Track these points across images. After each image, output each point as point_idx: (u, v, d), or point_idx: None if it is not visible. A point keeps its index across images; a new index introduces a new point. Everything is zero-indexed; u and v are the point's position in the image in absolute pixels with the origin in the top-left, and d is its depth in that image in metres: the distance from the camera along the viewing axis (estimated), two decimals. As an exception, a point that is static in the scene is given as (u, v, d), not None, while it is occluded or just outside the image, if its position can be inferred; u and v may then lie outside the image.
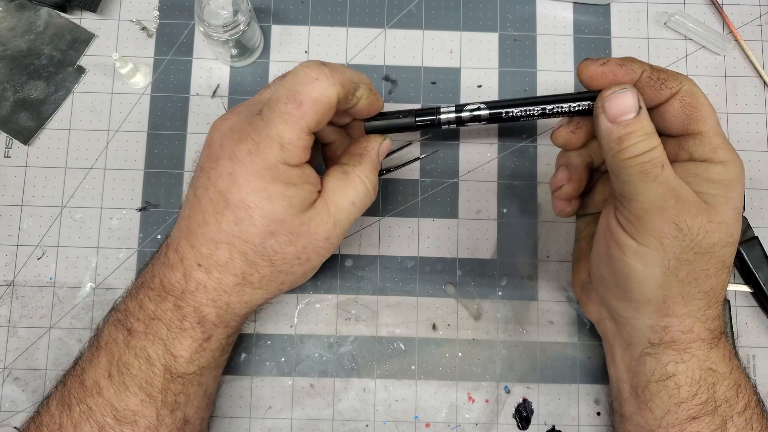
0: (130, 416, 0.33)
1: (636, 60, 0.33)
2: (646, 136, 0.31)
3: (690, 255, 0.32)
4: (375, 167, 0.36)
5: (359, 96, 0.34)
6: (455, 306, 0.44)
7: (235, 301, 0.34)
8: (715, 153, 0.32)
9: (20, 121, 0.45)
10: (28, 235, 0.44)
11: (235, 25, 0.41)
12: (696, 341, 0.33)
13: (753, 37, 0.47)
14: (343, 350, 0.44)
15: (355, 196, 0.35)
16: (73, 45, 0.46)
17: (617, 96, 0.31)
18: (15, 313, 0.44)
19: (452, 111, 0.37)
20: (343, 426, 0.43)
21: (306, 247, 0.34)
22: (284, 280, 0.35)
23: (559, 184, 0.38)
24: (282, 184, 0.32)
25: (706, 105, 0.33)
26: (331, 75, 0.31)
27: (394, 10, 0.47)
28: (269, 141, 0.31)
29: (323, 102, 0.31)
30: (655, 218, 0.31)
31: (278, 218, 0.32)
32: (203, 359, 0.35)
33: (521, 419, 0.43)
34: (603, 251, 0.35)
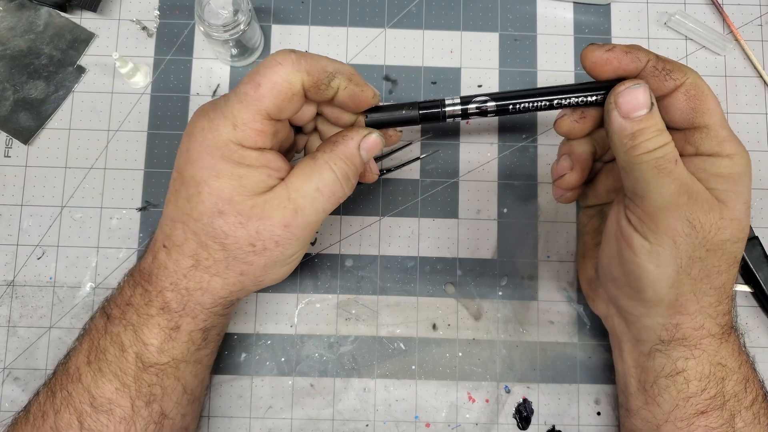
0: (106, 404, 0.33)
1: (641, 48, 0.33)
2: (658, 131, 0.31)
3: (702, 252, 0.32)
4: (350, 157, 0.34)
5: (335, 86, 0.33)
6: (455, 306, 0.44)
7: (194, 287, 0.33)
8: (722, 146, 0.32)
9: (20, 120, 0.45)
10: (28, 235, 0.44)
11: (236, 25, 0.41)
12: (707, 337, 0.33)
13: (753, 37, 0.47)
14: (343, 350, 0.44)
15: (321, 182, 0.33)
16: (73, 45, 0.46)
17: (631, 92, 0.31)
18: (15, 312, 0.44)
19: (457, 103, 0.36)
20: (343, 426, 0.43)
21: (260, 233, 0.32)
22: (243, 271, 0.33)
23: (561, 173, 0.38)
24: (232, 163, 0.31)
25: (712, 98, 0.32)
26: (296, 61, 0.31)
27: (394, 10, 0.47)
28: (223, 119, 0.31)
29: (282, 86, 0.31)
30: (669, 216, 0.31)
31: (226, 197, 0.32)
32: (175, 350, 0.34)
33: (521, 419, 0.43)
34: (614, 252, 0.34)
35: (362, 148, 0.35)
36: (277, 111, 0.32)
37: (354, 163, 0.34)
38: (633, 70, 0.32)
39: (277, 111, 0.32)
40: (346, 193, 0.35)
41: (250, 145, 0.32)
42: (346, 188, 0.35)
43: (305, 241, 0.34)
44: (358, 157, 0.35)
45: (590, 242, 0.40)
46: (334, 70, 0.32)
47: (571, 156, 0.37)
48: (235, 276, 0.34)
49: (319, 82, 0.32)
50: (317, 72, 0.32)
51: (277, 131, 0.33)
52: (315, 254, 0.45)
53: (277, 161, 0.33)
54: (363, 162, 0.35)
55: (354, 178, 0.35)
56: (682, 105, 0.32)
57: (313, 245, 0.45)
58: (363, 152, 0.35)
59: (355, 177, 0.35)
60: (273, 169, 0.33)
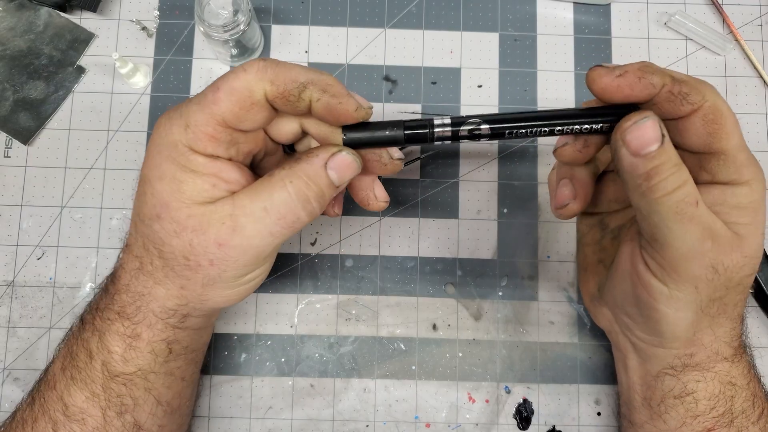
0: (78, 414, 0.32)
1: (656, 70, 0.29)
2: (675, 168, 0.28)
3: (722, 291, 0.30)
4: (312, 176, 0.30)
5: (306, 98, 0.30)
6: (455, 306, 0.44)
7: (142, 291, 0.32)
8: (740, 172, 0.30)
9: (20, 120, 0.45)
10: (28, 235, 0.44)
11: (235, 25, 0.41)
12: (720, 361, 0.33)
13: (753, 37, 0.47)
14: (343, 350, 0.44)
15: (269, 201, 0.30)
16: (73, 45, 0.46)
17: (639, 127, 0.28)
18: (15, 313, 0.44)
19: (447, 125, 0.32)
20: (343, 426, 0.43)
21: (193, 246, 0.30)
22: (183, 285, 0.31)
23: (563, 203, 0.34)
24: (177, 166, 0.30)
25: (731, 120, 0.29)
26: (261, 69, 0.29)
27: (394, 10, 0.47)
28: (178, 118, 0.30)
29: (240, 93, 0.29)
30: (692, 264, 0.29)
31: (164, 201, 0.30)
32: (140, 360, 0.33)
33: (521, 419, 0.43)
34: (628, 291, 0.33)
35: (330, 168, 0.31)
36: (235, 119, 0.29)
37: (317, 184, 0.30)
38: (646, 97, 0.29)
39: (234, 119, 0.29)
40: (301, 218, 0.31)
41: (200, 150, 0.30)
42: (302, 212, 0.30)
43: (249, 265, 0.31)
44: (324, 177, 0.31)
45: (591, 257, 0.38)
46: (307, 80, 0.30)
47: (572, 181, 0.34)
48: (176, 288, 0.32)
49: (287, 92, 0.29)
50: (284, 82, 0.29)
51: (238, 141, 0.31)
52: (315, 254, 0.45)
53: (231, 173, 0.31)
54: (331, 184, 0.31)
55: (317, 201, 0.31)
56: (699, 130, 0.29)
57: (313, 245, 0.45)
58: (331, 173, 0.31)
59: (317, 200, 0.31)
60: (223, 180, 0.30)
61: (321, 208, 0.32)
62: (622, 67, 0.29)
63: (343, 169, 0.31)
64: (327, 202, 0.32)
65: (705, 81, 0.30)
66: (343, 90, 0.30)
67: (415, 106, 0.46)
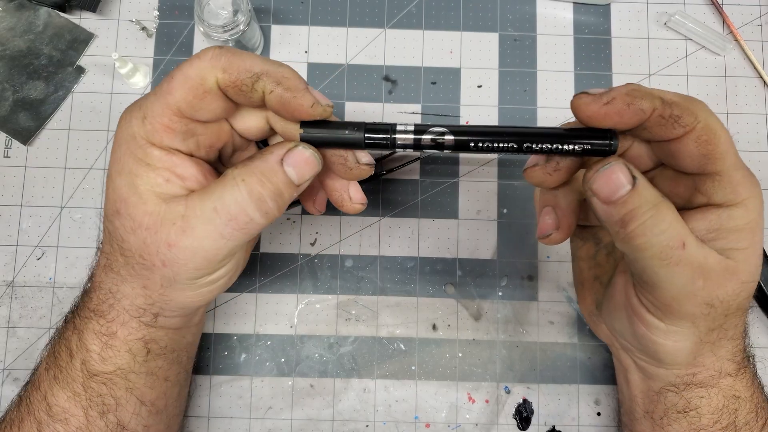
0: (61, 413, 0.32)
1: (645, 94, 0.28)
2: (653, 209, 0.27)
3: (721, 320, 0.30)
4: (267, 174, 0.29)
5: (259, 89, 0.28)
6: (455, 306, 0.44)
7: (111, 288, 0.32)
8: (736, 192, 0.29)
9: (20, 121, 0.45)
10: (28, 236, 0.44)
11: (235, 26, 0.41)
12: (723, 377, 0.32)
13: (753, 37, 0.47)
14: (343, 350, 0.44)
15: (220, 202, 0.28)
16: (73, 45, 0.46)
17: (603, 175, 0.27)
18: (15, 313, 0.43)
19: (410, 131, 0.30)
20: (343, 426, 0.43)
21: (147, 245, 0.29)
22: (145, 285, 0.31)
23: (547, 232, 0.33)
24: (134, 160, 0.29)
25: (725, 139, 0.28)
26: (215, 57, 0.28)
27: (394, 10, 0.47)
28: (137, 110, 0.29)
29: (193, 81, 0.28)
30: (686, 304, 0.29)
31: (122, 196, 0.29)
32: (119, 360, 0.32)
33: (521, 419, 0.43)
34: (625, 322, 0.33)
35: (287, 164, 0.29)
36: (189, 108, 0.29)
37: (273, 182, 0.29)
38: (636, 123, 0.28)
39: (188, 107, 0.29)
40: (255, 219, 0.29)
41: (156, 142, 0.29)
42: (256, 213, 0.29)
43: (202, 268, 0.30)
44: (281, 173, 0.29)
45: (587, 272, 0.37)
46: (261, 70, 0.28)
47: (555, 210, 0.32)
48: (139, 287, 0.31)
49: (239, 82, 0.28)
50: (237, 71, 0.28)
51: (195, 133, 0.30)
52: (315, 254, 0.45)
53: (186, 168, 0.30)
54: (289, 182, 0.29)
55: (273, 201, 0.29)
56: (693, 151, 0.28)
57: (313, 246, 0.45)
58: (288, 169, 0.29)
59: (273, 199, 0.29)
60: (177, 176, 0.29)
61: (280, 209, 0.30)
62: (608, 93, 0.28)
63: (301, 165, 0.29)
64: (287, 202, 0.30)
65: (696, 99, 0.29)
66: (299, 84, 0.29)
67: (414, 106, 0.46)
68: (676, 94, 0.29)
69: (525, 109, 0.46)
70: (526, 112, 0.46)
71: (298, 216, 0.45)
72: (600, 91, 0.28)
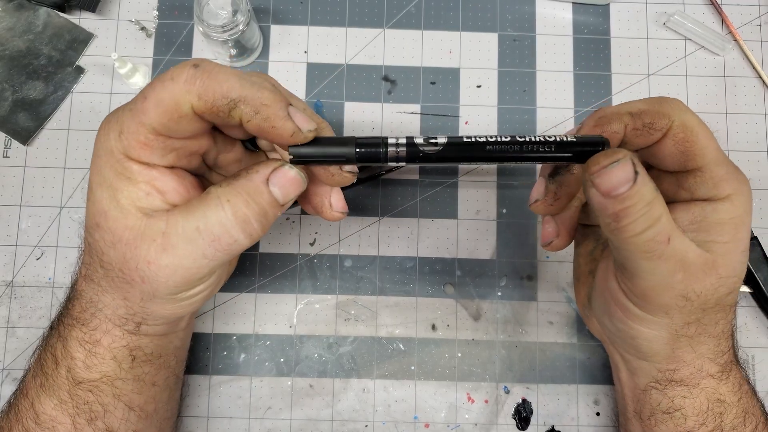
0: (48, 421, 0.32)
1: (612, 117, 0.29)
2: (646, 207, 0.27)
3: (698, 314, 0.30)
4: (252, 194, 0.28)
5: (236, 117, 0.28)
6: (454, 306, 0.44)
7: (93, 299, 0.31)
8: (719, 188, 0.29)
9: (19, 121, 0.45)
10: (27, 236, 0.44)
11: (235, 26, 0.41)
12: (705, 378, 0.32)
13: (752, 37, 0.47)
14: (342, 351, 0.44)
15: (203, 221, 0.28)
16: (72, 45, 0.46)
17: (610, 172, 0.26)
18: (14, 313, 0.43)
19: (402, 145, 0.30)
20: (342, 426, 0.43)
21: (127, 260, 0.28)
22: (125, 296, 0.30)
23: (549, 240, 0.34)
24: (114, 173, 0.29)
25: (703, 134, 0.29)
26: (189, 81, 0.27)
27: (393, 10, 0.47)
28: (115, 123, 0.29)
29: (167, 105, 0.27)
30: (662, 295, 0.29)
31: (103, 209, 0.29)
32: (103, 367, 0.32)
33: (521, 419, 0.43)
34: (605, 308, 0.33)
35: (272, 184, 0.29)
36: (164, 129, 0.28)
37: (258, 202, 0.28)
38: (615, 144, 0.29)
39: (163, 129, 0.28)
40: (239, 240, 0.29)
41: (134, 157, 0.28)
42: (240, 234, 0.28)
43: (182, 286, 0.29)
44: (266, 194, 0.29)
45: (584, 267, 0.37)
46: (239, 96, 0.27)
47: (556, 218, 0.34)
48: (119, 299, 0.31)
49: (215, 108, 0.27)
50: (213, 97, 0.27)
51: (174, 147, 0.29)
52: (314, 255, 0.45)
53: (166, 182, 0.29)
54: (274, 202, 0.29)
55: (257, 222, 0.29)
56: (672, 150, 0.29)
57: (312, 246, 0.45)
58: (274, 189, 0.29)
59: (258, 220, 0.29)
60: (157, 190, 0.29)
61: (264, 229, 0.29)
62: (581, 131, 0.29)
63: (287, 185, 0.29)
64: (271, 222, 0.30)
65: (667, 99, 0.29)
66: (278, 112, 0.28)
67: (414, 106, 0.46)
68: (643, 101, 0.29)
69: (524, 109, 0.46)
70: (526, 112, 0.46)
71: (298, 216, 0.45)
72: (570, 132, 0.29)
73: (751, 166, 0.46)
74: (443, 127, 0.46)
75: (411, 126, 0.46)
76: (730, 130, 0.46)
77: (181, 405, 0.42)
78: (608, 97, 0.46)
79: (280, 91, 0.29)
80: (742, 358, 0.35)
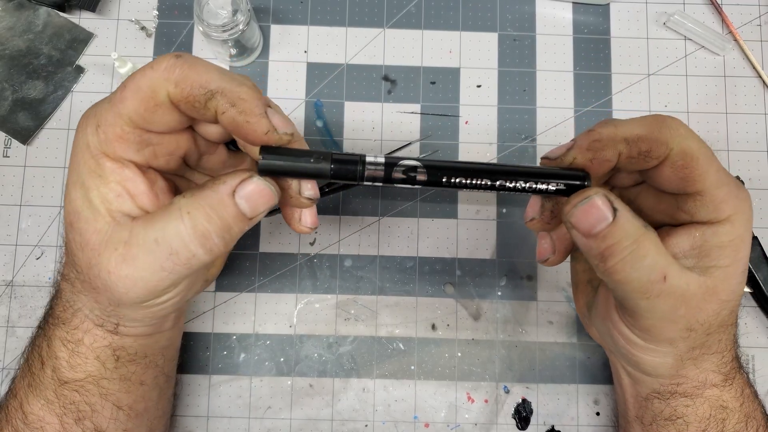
0: (37, 422, 0.32)
1: (607, 143, 0.27)
2: (633, 243, 0.26)
3: (703, 339, 0.30)
4: (216, 207, 0.27)
5: (212, 108, 0.27)
6: (454, 306, 0.44)
7: (70, 298, 0.31)
8: (720, 210, 0.28)
9: (19, 120, 0.45)
10: (27, 235, 0.44)
11: (234, 25, 0.41)
12: (709, 388, 0.32)
13: (752, 37, 0.47)
14: (342, 350, 0.44)
15: (162, 233, 0.26)
16: (72, 44, 0.46)
17: (583, 210, 0.26)
18: (14, 313, 0.43)
19: (380, 164, 0.28)
20: (342, 426, 0.43)
21: (91, 266, 0.27)
22: (96, 299, 0.29)
23: (545, 257, 0.33)
24: (87, 171, 0.28)
25: (703, 158, 0.27)
26: (168, 69, 0.26)
27: (393, 10, 0.47)
28: (93, 117, 0.28)
29: (144, 92, 0.26)
30: (666, 330, 0.29)
31: (76, 209, 0.28)
32: (88, 367, 0.31)
33: (520, 419, 0.43)
34: (607, 332, 0.33)
35: (239, 196, 0.27)
36: (141, 119, 0.27)
37: (221, 216, 0.27)
38: (605, 171, 0.28)
39: (140, 119, 0.27)
40: (198, 255, 0.27)
41: (109, 153, 0.27)
42: (199, 249, 0.27)
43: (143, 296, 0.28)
44: (231, 207, 0.27)
45: (582, 275, 0.37)
46: (217, 88, 0.26)
47: (551, 235, 0.33)
48: (93, 301, 0.30)
49: (192, 98, 0.26)
50: (190, 85, 0.26)
51: (151, 143, 0.28)
52: (314, 254, 0.45)
53: (137, 185, 0.28)
54: (240, 215, 0.27)
55: (219, 237, 0.27)
56: (671, 176, 0.28)
57: (312, 245, 0.45)
58: (241, 202, 0.27)
59: (221, 235, 0.27)
60: (128, 192, 0.28)
61: (227, 244, 0.28)
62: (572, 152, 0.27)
63: (255, 198, 0.27)
64: (236, 237, 0.28)
65: (666, 121, 0.27)
66: (255, 107, 0.27)
67: (414, 106, 0.46)
68: (641, 123, 0.28)
69: (524, 109, 0.46)
70: (526, 112, 0.46)
71: (298, 216, 0.45)
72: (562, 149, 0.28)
73: (751, 165, 0.46)
74: (443, 126, 0.46)
75: (411, 126, 0.46)
76: (730, 130, 0.46)
77: (175, 403, 0.42)
78: (608, 97, 0.46)
79: (261, 92, 0.28)
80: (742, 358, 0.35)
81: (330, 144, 0.45)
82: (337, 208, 0.45)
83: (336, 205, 0.45)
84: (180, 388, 0.43)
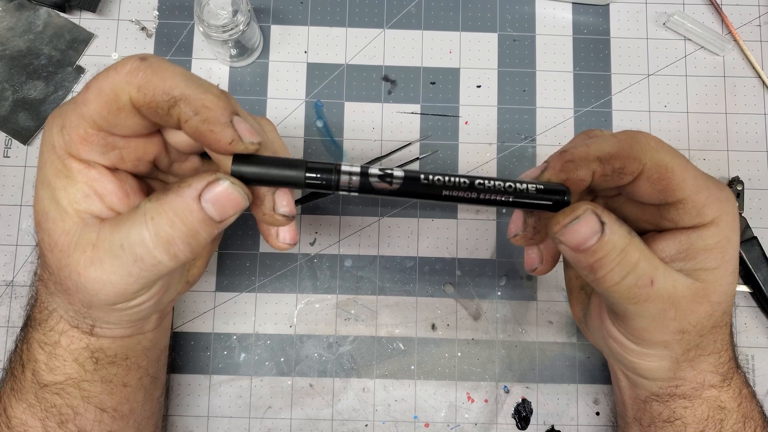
0: (20, 426, 0.31)
1: (580, 162, 0.27)
2: (621, 255, 0.26)
3: (697, 340, 0.30)
4: (181, 213, 0.25)
5: (175, 116, 0.25)
6: (454, 306, 0.44)
7: (44, 300, 0.31)
8: (703, 214, 0.28)
9: (19, 120, 0.45)
10: (27, 235, 0.44)
11: (235, 26, 0.41)
12: (707, 389, 0.32)
13: (752, 37, 0.47)
14: (342, 350, 0.44)
15: (126, 239, 0.26)
16: (73, 45, 0.46)
17: (574, 228, 0.26)
18: (14, 313, 0.44)
19: (356, 173, 0.27)
20: (342, 426, 0.43)
21: (61, 266, 0.27)
22: (69, 300, 0.29)
23: (533, 267, 0.32)
24: (54, 171, 0.27)
25: (678, 168, 0.27)
26: (131, 72, 0.25)
27: (393, 11, 0.47)
28: (58, 117, 0.27)
29: (106, 95, 0.26)
30: (658, 334, 0.29)
31: (44, 209, 0.27)
32: (67, 369, 0.31)
33: (520, 419, 0.43)
34: (602, 338, 0.33)
35: (205, 200, 0.25)
36: (104, 122, 0.26)
37: (186, 222, 0.25)
38: (581, 189, 0.28)
39: (103, 122, 0.26)
40: (162, 261, 0.26)
41: (74, 153, 0.27)
42: (164, 256, 0.26)
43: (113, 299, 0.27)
44: (197, 212, 0.25)
45: (575, 281, 0.37)
46: (180, 95, 0.25)
47: (539, 246, 0.32)
48: (66, 302, 0.29)
49: (154, 103, 0.25)
50: (153, 91, 0.25)
51: (117, 146, 0.28)
52: (314, 254, 0.45)
53: (106, 184, 0.27)
54: (208, 220, 0.26)
55: (185, 243, 0.26)
56: (648, 190, 0.28)
57: (312, 245, 0.45)
58: (207, 206, 0.26)
59: (186, 241, 0.26)
60: (95, 192, 0.27)
61: (194, 251, 0.27)
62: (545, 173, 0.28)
63: (222, 201, 0.26)
64: (204, 242, 0.27)
65: (636, 136, 0.28)
66: (220, 116, 0.25)
67: (414, 106, 0.46)
68: (612, 141, 0.28)
69: (524, 109, 0.46)
70: (525, 112, 0.46)
71: (297, 216, 0.45)
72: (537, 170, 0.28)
73: (750, 166, 0.46)
74: (443, 127, 0.46)
75: (411, 126, 0.46)
76: (729, 130, 0.46)
77: (166, 404, 0.42)
78: (608, 97, 0.46)
79: (228, 100, 0.26)
80: (741, 358, 0.35)
81: (330, 144, 0.45)
82: (337, 208, 0.45)
83: (336, 205, 0.45)
84: (180, 388, 0.43)
